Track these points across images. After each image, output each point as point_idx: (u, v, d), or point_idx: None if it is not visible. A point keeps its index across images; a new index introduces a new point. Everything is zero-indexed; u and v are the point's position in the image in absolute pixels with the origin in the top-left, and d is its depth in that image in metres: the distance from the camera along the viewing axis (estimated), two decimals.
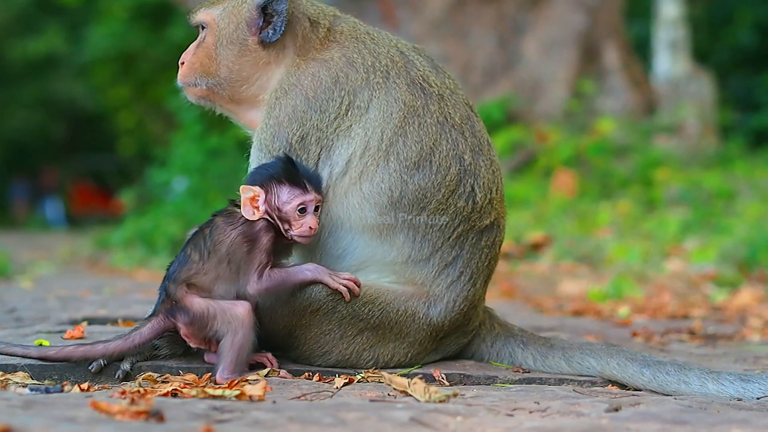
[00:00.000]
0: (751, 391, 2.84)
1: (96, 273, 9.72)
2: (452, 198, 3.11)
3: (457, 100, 3.22)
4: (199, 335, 2.91)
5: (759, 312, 5.29)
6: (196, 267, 2.90)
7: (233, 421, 2.25)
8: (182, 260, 2.93)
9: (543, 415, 2.48)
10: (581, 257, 7.87)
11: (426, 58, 3.29)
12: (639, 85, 12.24)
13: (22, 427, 2.03)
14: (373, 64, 3.16)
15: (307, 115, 3.11)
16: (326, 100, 3.11)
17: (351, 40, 3.22)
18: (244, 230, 2.90)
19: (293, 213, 2.90)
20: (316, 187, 2.95)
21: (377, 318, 3.06)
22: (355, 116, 3.11)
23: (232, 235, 2.90)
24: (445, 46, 11.62)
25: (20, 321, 4.34)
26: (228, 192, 3.09)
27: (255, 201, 2.92)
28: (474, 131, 3.20)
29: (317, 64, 3.16)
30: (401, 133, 3.09)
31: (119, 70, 24.41)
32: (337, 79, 3.13)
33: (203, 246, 2.91)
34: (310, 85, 3.13)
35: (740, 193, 9.67)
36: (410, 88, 3.14)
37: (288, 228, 2.91)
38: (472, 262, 3.16)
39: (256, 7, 3.18)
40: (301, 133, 3.11)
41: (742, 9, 17.07)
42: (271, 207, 2.91)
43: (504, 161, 10.30)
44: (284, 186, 2.90)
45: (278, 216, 2.91)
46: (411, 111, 3.11)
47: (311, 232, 2.92)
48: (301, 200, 2.90)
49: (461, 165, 3.13)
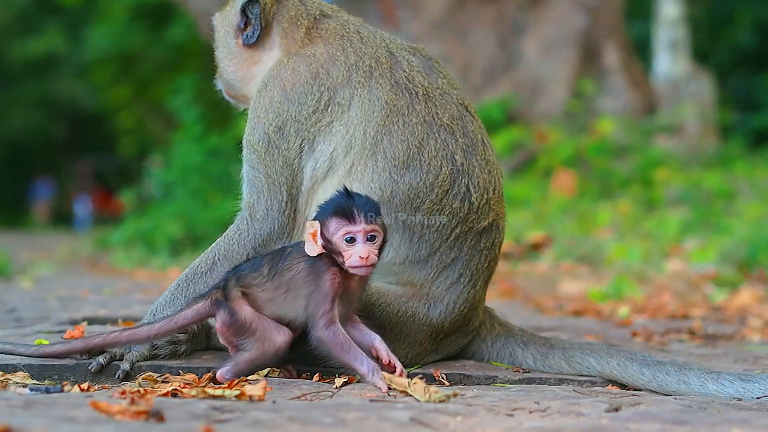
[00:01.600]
0: (751, 391, 2.84)
1: (96, 273, 9.73)
2: (446, 198, 3.11)
3: (449, 100, 3.21)
4: (230, 339, 2.90)
5: (759, 312, 5.29)
6: (260, 281, 2.89)
7: (233, 421, 2.25)
8: (255, 266, 2.93)
9: (543, 415, 2.48)
10: (581, 257, 7.87)
11: (421, 58, 3.28)
12: (639, 85, 12.25)
13: (22, 427, 2.03)
14: (356, 63, 3.17)
15: (284, 106, 3.14)
16: (304, 93, 3.14)
17: (336, 37, 3.23)
18: (308, 265, 2.87)
19: (341, 243, 2.81)
20: (367, 218, 2.82)
21: (377, 319, 3.06)
22: (336, 113, 3.12)
23: (298, 267, 2.88)
24: (445, 46, 11.62)
25: (20, 321, 4.34)
26: (228, 192, 3.08)
27: (315, 236, 2.85)
28: (466, 131, 3.19)
29: (299, 59, 3.20)
30: (385, 132, 3.09)
31: (119, 70, 24.43)
32: (317, 74, 3.16)
33: (276, 264, 2.90)
34: (288, 78, 3.17)
35: (740, 193, 9.67)
36: (394, 88, 3.14)
37: (342, 260, 2.83)
38: (471, 264, 3.16)
39: (238, 12, 3.32)
40: (277, 123, 3.14)
41: (742, 9, 17.08)
42: (325, 240, 2.84)
43: (504, 161, 10.31)
44: (333, 218, 2.83)
45: (331, 248, 2.83)
46: (394, 110, 3.11)
47: (362, 261, 2.79)
48: (347, 230, 2.80)
49: (453, 165, 3.12)
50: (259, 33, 3.27)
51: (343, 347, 2.82)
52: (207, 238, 9.38)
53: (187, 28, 19.92)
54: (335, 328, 2.82)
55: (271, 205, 3.12)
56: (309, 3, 3.35)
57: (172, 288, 3.16)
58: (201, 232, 10.64)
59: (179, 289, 3.14)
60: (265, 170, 3.14)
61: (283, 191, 3.11)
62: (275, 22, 3.30)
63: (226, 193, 10.13)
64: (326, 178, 3.13)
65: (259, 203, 3.13)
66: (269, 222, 3.12)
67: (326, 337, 2.81)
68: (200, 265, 3.15)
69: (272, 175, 3.13)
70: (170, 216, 11.33)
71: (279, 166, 3.13)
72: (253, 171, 3.18)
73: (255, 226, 3.12)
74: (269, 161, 3.14)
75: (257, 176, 3.16)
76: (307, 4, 3.34)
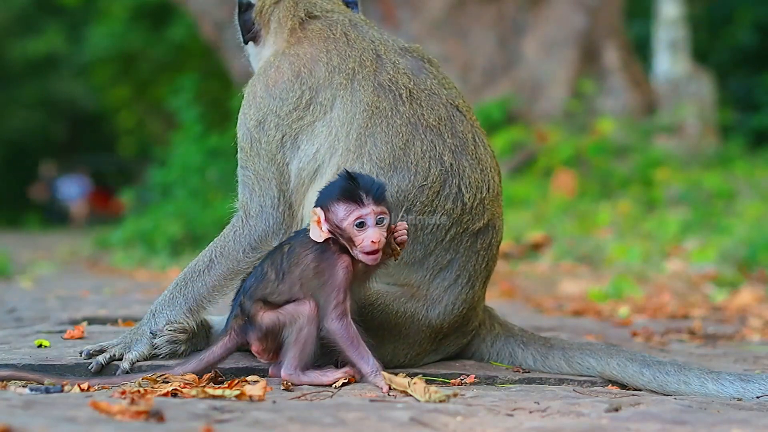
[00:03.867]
0: (751, 391, 2.84)
1: (96, 273, 9.73)
2: (438, 199, 3.10)
3: (436, 101, 3.19)
4: (272, 347, 2.86)
5: (759, 312, 5.29)
6: (272, 287, 2.85)
7: (233, 421, 2.25)
8: (259, 277, 2.88)
9: (543, 415, 2.48)
10: (581, 257, 7.87)
11: (411, 59, 3.28)
12: (639, 85, 12.24)
13: (22, 427, 2.03)
14: (339, 65, 3.18)
15: (264, 101, 3.18)
16: (285, 90, 3.17)
17: (321, 39, 3.25)
18: (317, 254, 2.82)
19: (351, 229, 2.75)
20: (376, 199, 2.77)
21: (377, 320, 3.06)
22: (318, 113, 3.14)
23: (306, 259, 2.82)
24: (445, 46, 11.62)
25: (20, 321, 4.34)
26: (228, 192, 3.09)
27: (320, 222, 2.81)
28: (455, 132, 3.17)
29: (284, 58, 3.24)
30: (369, 134, 3.09)
31: (119, 70, 24.42)
32: (299, 73, 3.19)
33: (280, 266, 2.85)
34: (272, 75, 3.22)
35: (740, 193, 9.67)
36: (377, 90, 3.14)
37: (353, 246, 2.77)
38: (468, 265, 3.16)
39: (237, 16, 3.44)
40: (258, 118, 3.18)
41: (742, 9, 17.07)
42: (333, 226, 2.79)
43: (504, 161, 10.30)
44: (340, 203, 2.77)
45: (341, 235, 2.78)
46: (377, 112, 3.11)
47: (374, 246, 2.74)
48: (358, 214, 2.75)
49: (442, 166, 3.10)
50: (243, 35, 3.41)
51: (353, 342, 2.79)
52: (207, 238, 9.36)
53: (187, 28, 19.90)
54: (347, 321, 2.79)
55: (264, 202, 3.13)
56: (301, 4, 3.36)
57: (171, 287, 3.17)
58: (201, 232, 10.64)
59: (178, 288, 3.15)
60: (253, 168, 3.17)
61: (273, 187, 3.13)
62: (271, 23, 3.37)
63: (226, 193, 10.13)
64: (314, 181, 3.13)
65: (252, 201, 3.15)
66: (264, 218, 3.13)
67: (338, 329, 2.77)
68: (198, 264, 3.16)
69: (260, 171, 3.16)
70: (170, 216, 11.33)
71: (265, 162, 3.15)
72: (243, 170, 3.21)
73: (250, 223, 3.13)
74: (255, 158, 3.17)
75: (247, 174, 3.19)
76: (299, 5, 3.36)
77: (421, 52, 3.34)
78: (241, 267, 3.11)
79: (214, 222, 10.19)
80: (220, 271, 3.11)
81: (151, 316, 3.12)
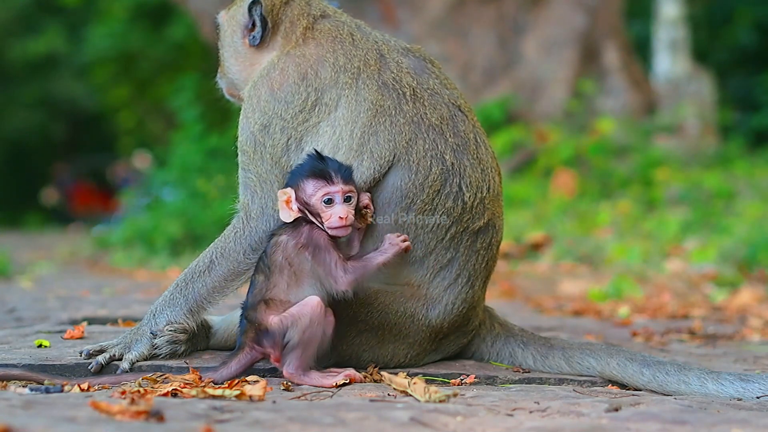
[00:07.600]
0: (751, 391, 2.85)
1: (96, 273, 9.72)
2: (438, 198, 3.10)
3: (439, 100, 3.20)
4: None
5: (759, 312, 5.29)
6: (265, 285, 2.89)
7: (233, 421, 2.25)
8: (251, 287, 2.94)
9: (543, 415, 2.48)
10: (581, 257, 7.86)
11: (414, 59, 3.28)
12: (639, 85, 12.24)
13: (22, 427, 2.03)
14: (345, 65, 3.17)
15: (269, 105, 3.16)
16: (291, 93, 3.15)
17: (329, 39, 3.24)
18: (291, 234, 2.90)
19: (320, 205, 2.88)
20: (345, 178, 2.92)
21: (376, 319, 3.07)
22: (323, 113, 3.13)
23: (283, 244, 2.89)
24: (445, 46, 11.62)
25: (20, 321, 4.34)
26: (228, 192, 3.08)
27: (289, 202, 2.93)
28: (456, 131, 3.18)
29: (289, 59, 3.21)
30: (372, 132, 3.09)
31: (119, 70, 24.41)
32: (305, 74, 3.16)
33: (263, 265, 2.92)
34: (277, 78, 3.19)
35: (740, 193, 9.67)
36: (381, 89, 3.13)
37: (321, 222, 2.89)
38: (468, 265, 3.16)
39: (245, 12, 3.31)
40: (262, 122, 3.16)
41: (742, 9, 17.06)
42: (302, 204, 2.91)
43: (504, 161, 10.31)
44: (309, 180, 2.90)
45: (310, 211, 2.90)
46: (381, 111, 3.10)
47: (342, 222, 2.87)
48: (326, 191, 2.88)
49: (443, 165, 3.11)
50: (262, 34, 3.27)
51: (365, 266, 2.88)
52: (207, 238, 9.37)
53: (187, 27, 19.91)
54: (353, 266, 2.86)
55: (266, 204, 3.13)
56: (314, 4, 3.35)
57: (171, 288, 3.17)
58: (201, 232, 10.64)
59: (178, 289, 3.15)
60: (256, 170, 3.16)
61: (275, 189, 3.11)
62: (281, 23, 3.30)
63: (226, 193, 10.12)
64: None
65: (253, 203, 3.14)
66: (265, 220, 3.12)
67: (350, 276, 2.85)
68: (198, 264, 3.16)
69: (262, 174, 3.15)
70: (170, 216, 11.32)
71: (268, 165, 3.14)
72: (245, 172, 3.20)
73: (251, 225, 3.13)
74: (258, 161, 3.16)
75: (249, 176, 3.18)
76: (312, 4, 3.34)
77: (423, 53, 3.34)
78: (241, 268, 3.11)
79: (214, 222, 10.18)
80: (221, 272, 3.11)
81: (152, 317, 3.13)
